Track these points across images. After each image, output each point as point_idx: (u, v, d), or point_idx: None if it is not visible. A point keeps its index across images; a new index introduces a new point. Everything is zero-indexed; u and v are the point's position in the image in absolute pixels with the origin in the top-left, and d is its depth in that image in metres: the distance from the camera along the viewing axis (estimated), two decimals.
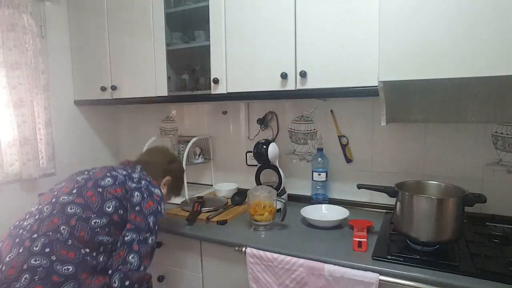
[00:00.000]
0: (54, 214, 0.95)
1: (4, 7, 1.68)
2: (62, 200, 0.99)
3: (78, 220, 0.94)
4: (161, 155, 1.36)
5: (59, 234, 0.91)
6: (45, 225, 0.93)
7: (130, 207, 1.02)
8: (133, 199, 1.02)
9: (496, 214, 1.43)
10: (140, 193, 1.05)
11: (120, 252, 0.96)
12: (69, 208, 0.96)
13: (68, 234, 0.91)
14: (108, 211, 0.97)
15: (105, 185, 1.02)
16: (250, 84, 1.52)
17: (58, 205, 0.97)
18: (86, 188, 1.01)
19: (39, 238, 0.90)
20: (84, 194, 0.99)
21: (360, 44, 1.29)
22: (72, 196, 0.99)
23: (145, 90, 1.82)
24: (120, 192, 1.02)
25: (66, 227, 0.92)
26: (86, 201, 0.98)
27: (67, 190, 1.03)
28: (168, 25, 1.74)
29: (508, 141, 1.41)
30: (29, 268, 0.85)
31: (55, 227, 0.92)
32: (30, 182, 1.87)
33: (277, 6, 1.43)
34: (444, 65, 1.05)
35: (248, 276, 1.29)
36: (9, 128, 1.74)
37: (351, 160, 1.71)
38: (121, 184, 1.04)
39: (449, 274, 1.02)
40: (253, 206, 1.43)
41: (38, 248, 0.88)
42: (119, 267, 0.95)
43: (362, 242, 1.21)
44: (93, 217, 0.96)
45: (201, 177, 2.16)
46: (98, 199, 0.99)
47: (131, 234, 0.99)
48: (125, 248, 0.97)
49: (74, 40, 2.06)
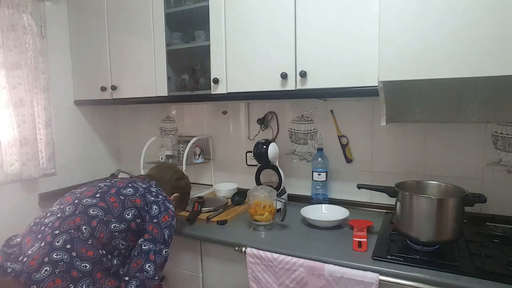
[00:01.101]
0: (76, 214, 1.02)
1: (4, 7, 1.68)
2: (85, 202, 1.06)
3: (99, 222, 1.00)
4: (171, 172, 1.41)
5: (80, 233, 0.96)
6: (67, 223, 0.99)
7: (148, 218, 1.09)
8: (152, 211, 1.09)
9: (496, 214, 1.43)
10: (158, 207, 1.11)
11: (138, 260, 1.02)
12: (91, 210, 1.02)
13: (89, 234, 0.97)
14: (127, 218, 1.04)
15: (126, 194, 1.09)
16: (250, 84, 1.52)
17: (81, 206, 1.04)
18: (109, 194, 1.08)
19: (61, 235, 0.95)
20: (107, 199, 1.07)
21: (360, 44, 1.29)
22: (95, 200, 1.06)
23: (145, 90, 1.82)
24: (140, 203, 1.09)
25: (88, 227, 0.98)
26: (108, 206, 1.05)
27: (90, 193, 1.10)
28: (168, 25, 1.74)
29: (508, 141, 1.41)
30: (50, 261, 0.90)
31: (77, 226, 0.98)
32: (30, 182, 1.87)
33: (277, 6, 1.43)
34: (444, 65, 1.05)
35: (248, 276, 1.29)
36: (9, 128, 1.74)
37: (351, 160, 1.71)
38: (141, 195, 1.11)
39: (449, 274, 1.02)
40: (253, 206, 1.43)
41: (60, 243, 0.93)
42: (136, 274, 1.01)
43: (362, 242, 1.22)
44: (113, 221, 1.02)
45: (201, 177, 2.16)
46: (119, 205, 1.06)
47: (149, 244, 1.05)
48: (142, 257, 1.02)
49: (74, 40, 2.06)
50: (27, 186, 1.86)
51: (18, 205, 1.81)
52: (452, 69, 1.04)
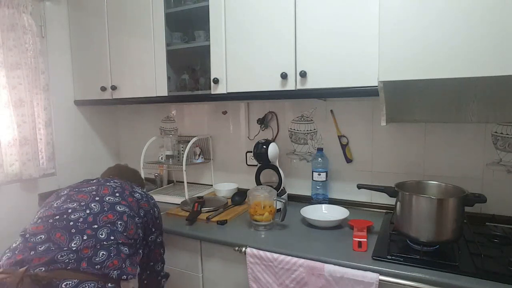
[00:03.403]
0: (106, 210, 1.13)
1: (4, 7, 1.68)
2: (109, 200, 1.17)
3: (128, 217, 1.16)
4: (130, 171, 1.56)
5: (115, 227, 1.10)
6: (101, 219, 1.10)
7: (154, 218, 1.28)
8: (155, 213, 1.30)
9: (496, 214, 1.43)
10: (157, 208, 1.33)
11: (156, 250, 1.31)
12: (118, 207, 1.16)
13: (123, 228, 1.12)
14: (141, 215, 1.23)
15: (137, 198, 1.26)
16: (250, 84, 1.52)
17: (106, 204, 1.15)
18: (126, 195, 1.23)
19: (102, 228, 1.08)
20: (126, 199, 1.21)
21: (360, 44, 1.29)
22: (117, 198, 1.19)
23: (145, 90, 1.82)
24: (147, 207, 1.27)
25: (122, 222, 1.13)
26: (129, 204, 1.20)
27: (107, 192, 1.20)
28: (168, 25, 1.74)
29: (508, 141, 1.41)
30: (103, 248, 1.04)
31: (112, 221, 1.11)
32: (30, 182, 1.87)
33: (277, 6, 1.43)
34: (444, 65, 1.05)
35: (248, 276, 1.29)
36: (9, 128, 1.74)
37: (351, 160, 1.71)
38: (146, 201, 1.28)
39: (449, 274, 1.02)
40: (253, 206, 1.43)
41: (104, 235, 1.07)
42: (159, 258, 1.33)
43: (362, 242, 1.22)
44: (136, 216, 1.19)
45: (201, 177, 2.16)
46: (136, 204, 1.22)
47: (160, 237, 1.33)
48: (159, 247, 1.32)
49: (74, 40, 2.06)
50: (27, 186, 1.86)
51: (18, 205, 1.81)
52: (452, 69, 1.04)
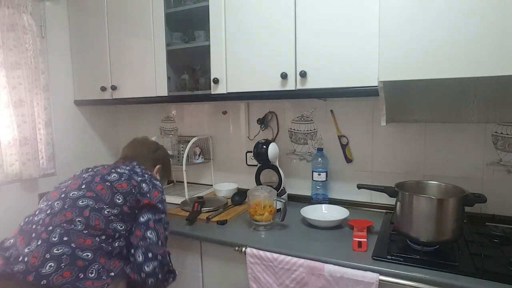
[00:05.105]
0: (66, 208, 1.01)
1: (4, 7, 1.68)
2: (72, 195, 1.05)
3: (91, 210, 1.00)
4: (145, 146, 1.40)
5: (73, 225, 0.96)
6: (58, 219, 0.98)
7: (140, 196, 1.08)
8: (142, 190, 1.09)
9: (496, 214, 1.43)
10: (147, 185, 1.12)
11: (137, 231, 1.03)
12: (80, 202, 1.02)
13: (84, 225, 0.97)
14: (118, 203, 1.03)
15: (112, 180, 1.08)
16: (250, 84, 1.52)
17: (69, 200, 1.03)
18: (95, 183, 1.07)
19: (55, 229, 0.95)
20: (94, 188, 1.05)
21: (360, 44, 1.29)
22: (82, 191, 1.05)
23: (145, 90, 1.82)
24: (126, 187, 1.07)
25: (81, 218, 0.98)
26: (97, 194, 1.04)
27: (75, 186, 1.09)
28: (168, 25, 1.74)
29: (508, 141, 1.41)
30: (53, 257, 0.90)
31: (69, 219, 0.98)
32: (30, 182, 1.87)
33: (277, 6, 1.43)
34: (444, 65, 1.05)
35: (248, 276, 1.29)
36: (9, 128, 1.74)
37: (351, 160, 1.71)
38: (126, 180, 1.09)
39: (449, 274, 1.02)
40: (253, 206, 1.43)
41: (57, 238, 0.93)
42: (139, 243, 1.03)
43: (362, 242, 1.22)
44: (105, 207, 1.02)
45: (201, 177, 2.16)
46: (108, 191, 1.05)
47: (147, 214, 1.06)
48: (142, 227, 1.04)
49: (74, 40, 2.06)
50: (27, 186, 1.86)
51: (18, 205, 1.81)
52: (452, 69, 1.04)
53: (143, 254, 1.02)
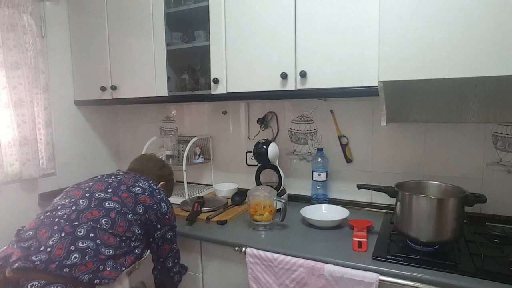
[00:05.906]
0: (92, 207, 1.09)
1: (4, 7, 1.68)
2: (98, 196, 1.13)
3: (117, 213, 1.10)
4: (152, 162, 1.47)
5: (99, 224, 1.05)
6: (84, 216, 1.06)
7: (160, 214, 1.21)
8: (162, 209, 1.23)
9: (496, 214, 1.43)
10: (165, 204, 1.25)
11: (166, 246, 1.25)
12: (107, 203, 1.11)
13: (109, 225, 1.06)
14: (139, 212, 1.16)
15: (136, 192, 1.19)
16: (250, 84, 1.52)
17: (95, 200, 1.11)
18: (121, 190, 1.17)
19: (82, 225, 1.03)
20: (120, 195, 1.16)
21: (360, 44, 1.29)
22: (108, 194, 1.14)
23: (145, 90, 1.82)
24: (149, 202, 1.20)
25: (107, 219, 1.07)
26: (122, 200, 1.14)
27: (100, 188, 1.17)
28: (168, 25, 1.74)
29: (508, 141, 1.41)
30: (78, 249, 0.97)
31: (96, 218, 1.06)
32: (30, 182, 1.87)
33: (277, 6, 1.43)
34: (444, 65, 1.05)
35: (248, 276, 1.29)
36: (9, 128, 1.74)
37: (351, 160, 1.71)
38: (149, 195, 1.21)
39: (449, 274, 1.02)
40: (253, 206, 1.43)
41: (83, 233, 1.01)
42: (169, 254, 1.27)
43: (362, 242, 1.22)
44: (129, 212, 1.13)
45: (201, 177, 2.16)
46: (132, 200, 1.16)
47: (170, 232, 1.26)
48: (169, 243, 1.26)
49: (74, 40, 2.06)
50: (27, 186, 1.86)
51: (18, 205, 1.81)
52: (452, 69, 1.04)
53: (172, 261, 1.29)
